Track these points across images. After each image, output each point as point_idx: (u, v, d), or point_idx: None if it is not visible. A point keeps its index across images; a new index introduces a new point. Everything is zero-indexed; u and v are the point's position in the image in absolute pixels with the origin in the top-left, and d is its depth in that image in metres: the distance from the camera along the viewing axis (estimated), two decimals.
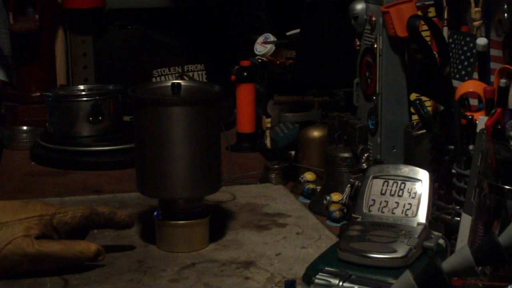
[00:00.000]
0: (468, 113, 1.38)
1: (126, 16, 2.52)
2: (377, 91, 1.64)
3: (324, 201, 1.56)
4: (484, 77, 1.48)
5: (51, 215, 1.32)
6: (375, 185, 1.33)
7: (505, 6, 1.48)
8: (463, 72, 1.51)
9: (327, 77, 1.85)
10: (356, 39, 1.70)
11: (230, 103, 2.20)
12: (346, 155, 1.62)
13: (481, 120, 1.25)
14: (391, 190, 1.32)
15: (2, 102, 2.38)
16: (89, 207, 1.35)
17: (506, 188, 1.12)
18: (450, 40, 1.55)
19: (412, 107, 1.55)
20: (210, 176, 1.40)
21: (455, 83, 1.51)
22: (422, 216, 1.28)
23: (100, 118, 2.06)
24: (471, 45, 1.50)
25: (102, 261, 1.33)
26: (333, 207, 1.55)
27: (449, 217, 1.37)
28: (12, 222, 1.29)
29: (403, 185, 1.31)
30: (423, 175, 1.31)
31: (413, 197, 1.30)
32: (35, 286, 1.27)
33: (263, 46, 2.08)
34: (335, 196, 1.54)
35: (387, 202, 1.31)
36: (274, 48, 2.07)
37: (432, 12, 1.63)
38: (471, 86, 1.44)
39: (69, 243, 1.32)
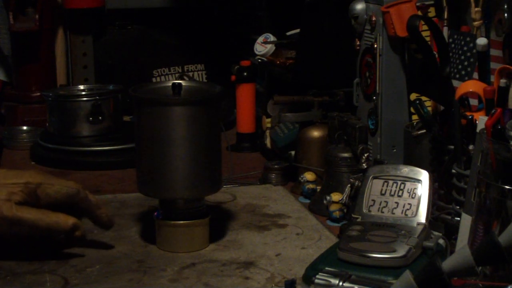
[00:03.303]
0: (468, 113, 1.38)
1: (126, 16, 2.52)
2: (377, 91, 1.64)
3: (324, 201, 1.56)
4: (484, 77, 1.48)
5: (37, 184, 1.34)
6: (375, 185, 1.33)
7: (505, 6, 1.48)
8: (463, 72, 1.51)
9: (327, 77, 1.85)
10: (356, 39, 1.70)
11: (230, 103, 2.20)
12: (346, 155, 1.62)
13: (481, 120, 1.25)
14: (391, 190, 1.32)
15: (2, 102, 2.38)
16: (80, 188, 1.36)
17: (506, 188, 1.12)
18: (450, 40, 1.55)
19: (412, 107, 1.55)
20: (210, 176, 1.40)
21: (455, 83, 1.51)
22: (422, 216, 1.28)
23: (100, 118, 2.06)
24: (471, 45, 1.50)
25: (79, 237, 1.35)
26: (333, 207, 1.55)
27: (449, 217, 1.37)
28: None
29: (403, 185, 1.31)
30: (423, 175, 1.31)
31: (413, 197, 1.30)
32: (35, 285, 1.27)
33: (263, 46, 2.08)
34: (335, 196, 1.54)
35: (387, 202, 1.31)
36: (274, 48, 2.07)
37: (432, 12, 1.63)
38: (471, 86, 1.44)
39: (48, 212, 1.33)
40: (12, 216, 1.31)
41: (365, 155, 1.59)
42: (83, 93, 2.13)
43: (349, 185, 1.53)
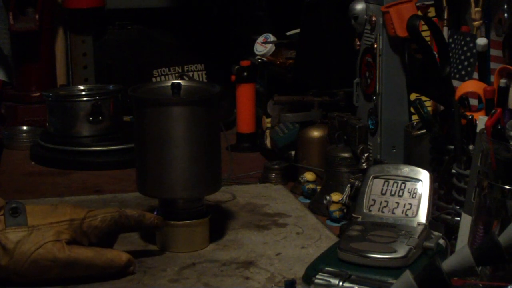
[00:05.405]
0: (468, 113, 1.38)
1: (126, 16, 2.52)
2: (377, 91, 1.64)
3: (324, 201, 1.56)
4: (484, 77, 1.48)
5: (81, 219, 1.28)
6: (375, 185, 1.33)
7: (505, 6, 1.48)
8: (463, 72, 1.51)
9: (327, 77, 1.85)
10: (356, 39, 1.70)
11: (230, 103, 2.20)
12: (346, 155, 1.62)
13: (481, 120, 1.25)
14: (391, 190, 1.32)
15: (2, 102, 2.38)
16: (118, 210, 1.31)
17: (506, 188, 1.12)
18: (450, 40, 1.55)
19: (412, 107, 1.56)
20: (210, 176, 1.41)
21: (455, 83, 1.51)
22: (422, 216, 1.28)
23: (100, 118, 2.06)
24: (471, 45, 1.50)
25: (132, 271, 1.31)
26: (333, 207, 1.55)
27: (449, 217, 1.37)
28: (42, 226, 1.25)
29: (403, 185, 1.31)
30: (423, 175, 1.31)
31: (413, 197, 1.30)
32: (35, 285, 1.27)
33: (263, 46, 2.08)
34: (335, 196, 1.54)
35: (387, 202, 1.31)
36: (274, 48, 2.07)
37: (432, 12, 1.63)
38: (471, 86, 1.45)
39: (100, 250, 1.28)
40: (67, 258, 1.24)
41: (365, 155, 1.59)
42: (83, 93, 2.14)
43: (349, 185, 1.52)
